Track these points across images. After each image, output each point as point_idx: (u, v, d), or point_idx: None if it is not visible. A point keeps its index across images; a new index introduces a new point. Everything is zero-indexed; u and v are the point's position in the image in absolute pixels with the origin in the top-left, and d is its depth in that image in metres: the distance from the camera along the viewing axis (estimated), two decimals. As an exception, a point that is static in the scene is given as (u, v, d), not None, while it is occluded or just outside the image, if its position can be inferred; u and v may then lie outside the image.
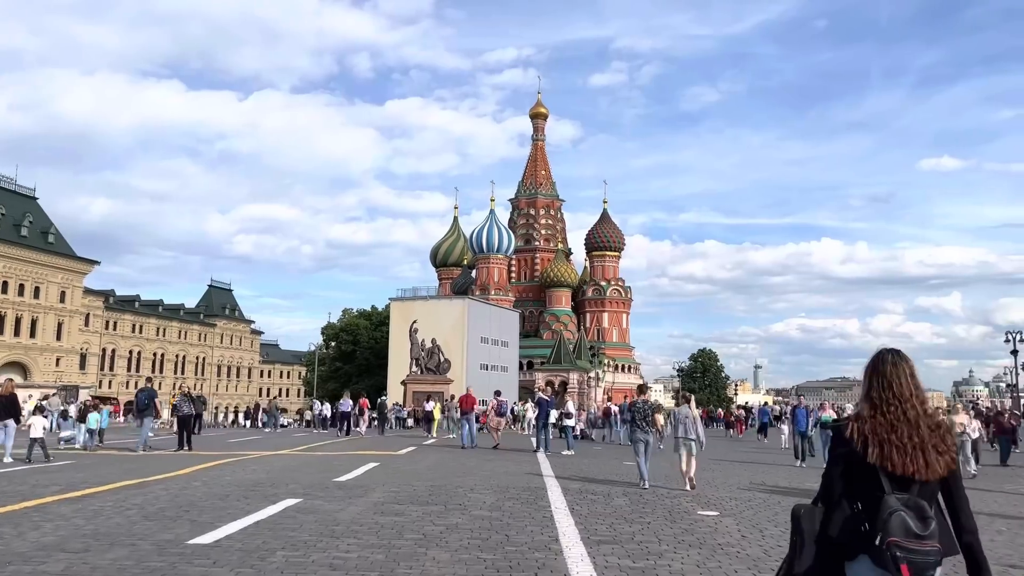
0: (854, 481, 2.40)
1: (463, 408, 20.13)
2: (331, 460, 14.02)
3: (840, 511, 2.37)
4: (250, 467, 12.18)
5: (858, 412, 2.59)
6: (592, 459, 16.55)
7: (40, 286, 77.77)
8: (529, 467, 13.20)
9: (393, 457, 14.96)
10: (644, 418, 11.22)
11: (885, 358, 2.62)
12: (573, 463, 14.57)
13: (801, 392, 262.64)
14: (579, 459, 16.12)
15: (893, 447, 2.35)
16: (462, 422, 19.95)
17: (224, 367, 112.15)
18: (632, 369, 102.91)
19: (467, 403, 20.03)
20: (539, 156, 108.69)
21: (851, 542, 2.31)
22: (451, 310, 71.25)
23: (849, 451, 2.43)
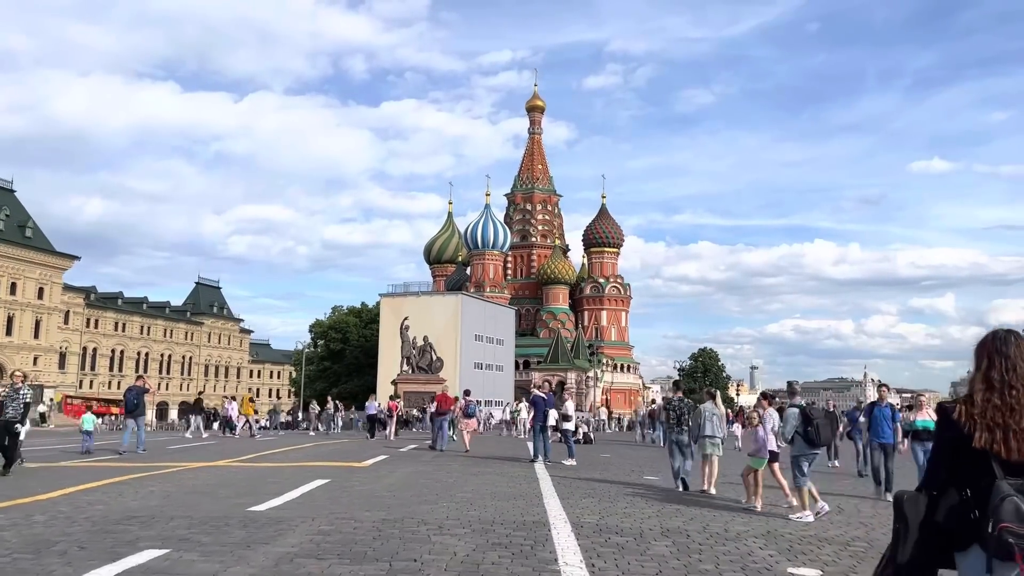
0: (962, 466, 2.30)
1: (439, 409, 18.79)
2: (268, 475, 10.98)
3: (948, 497, 2.29)
4: (147, 487, 9.14)
5: (969, 394, 2.42)
6: (604, 470, 13.54)
7: (16, 282, 74.64)
8: (525, 485, 10.20)
9: (352, 471, 11.91)
10: (679, 417, 10.79)
11: (1008, 338, 2.42)
12: (582, 478, 11.55)
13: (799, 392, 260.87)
14: (588, 470, 13.10)
15: (1010, 432, 2.26)
16: (438, 423, 18.56)
17: (212, 367, 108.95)
18: (631, 369, 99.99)
19: (444, 404, 18.90)
20: (536, 150, 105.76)
21: (960, 530, 2.24)
22: (444, 307, 68.25)
23: (957, 435, 2.33)
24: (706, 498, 9.57)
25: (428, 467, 12.92)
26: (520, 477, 11.40)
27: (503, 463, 14.21)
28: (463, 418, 18.86)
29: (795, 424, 8.38)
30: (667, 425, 11.07)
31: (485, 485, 10.25)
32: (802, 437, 8.30)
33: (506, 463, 14.28)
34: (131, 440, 16.42)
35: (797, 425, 8.36)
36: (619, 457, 17.74)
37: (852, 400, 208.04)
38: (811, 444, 8.30)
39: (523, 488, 9.94)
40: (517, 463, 14.29)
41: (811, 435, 8.24)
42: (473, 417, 19.15)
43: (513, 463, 14.36)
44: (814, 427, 8.23)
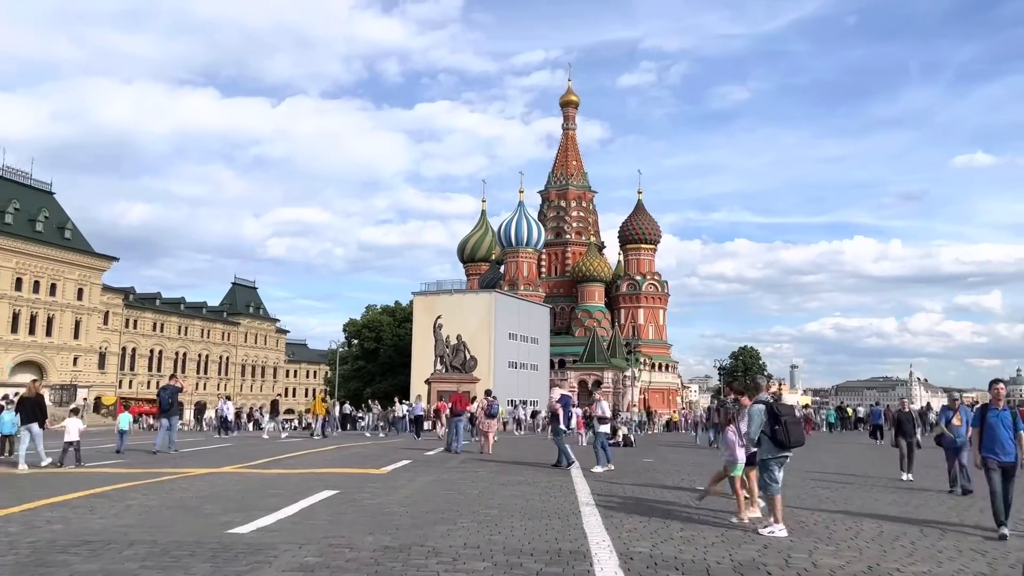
0: None
1: (454, 409, 18.18)
2: (271, 485, 9.77)
3: None
4: (127, 501, 7.99)
5: None
6: (649, 478, 12.08)
7: (56, 283, 75.34)
8: (560, 499, 8.84)
9: (367, 480, 10.65)
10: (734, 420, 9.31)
11: None
12: (624, 488, 10.15)
13: (841, 392, 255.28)
14: (630, 478, 11.67)
15: None
16: (454, 424, 17.98)
17: (248, 367, 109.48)
18: (670, 368, 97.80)
19: (459, 404, 18.29)
20: (570, 146, 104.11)
21: None
22: (477, 304, 67.09)
23: None
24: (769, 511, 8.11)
25: (452, 475, 11.63)
26: (554, 488, 10.05)
27: (535, 470, 12.86)
28: (485, 419, 18.14)
29: (761, 423, 7.33)
30: (721, 427, 10.63)
31: (514, 498, 8.92)
32: (769, 438, 7.27)
33: (539, 470, 12.93)
34: (164, 440, 16.40)
35: (763, 424, 7.32)
36: (664, 462, 16.26)
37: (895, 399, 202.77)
38: (780, 446, 7.25)
39: (557, 503, 8.59)
40: (550, 470, 12.92)
41: (779, 435, 7.19)
42: (495, 418, 18.58)
43: (546, 470, 13.00)
44: (782, 426, 7.19)
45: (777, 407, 7.31)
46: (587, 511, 7.77)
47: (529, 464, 14.12)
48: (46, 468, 12.56)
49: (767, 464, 7.29)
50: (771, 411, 7.25)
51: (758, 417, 7.34)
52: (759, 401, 7.54)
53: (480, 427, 18.94)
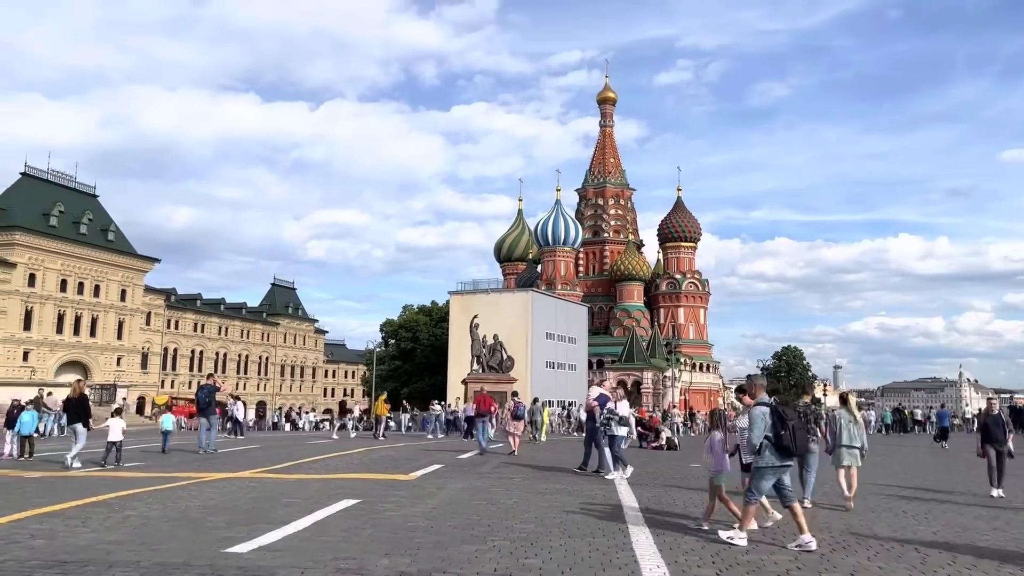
0: None
1: (479, 410, 18.13)
2: (288, 493, 8.99)
3: None
4: (126, 511, 7.29)
5: None
6: (691, 483, 11.05)
7: (100, 284, 76.50)
8: (604, 510, 7.90)
9: (392, 486, 9.82)
10: (805, 424, 8.60)
11: None
12: (678, 501, 9.17)
13: (887, 393, 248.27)
14: (679, 484, 10.65)
15: None
16: (478, 425, 17.99)
17: (288, 367, 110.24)
18: (711, 368, 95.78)
19: (483, 404, 18.10)
20: (607, 143, 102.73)
21: None
22: (514, 304, 66.25)
23: None
24: (852, 524, 7.07)
25: (485, 481, 10.75)
26: (596, 499, 9.11)
27: (575, 477, 11.91)
28: (511, 420, 17.85)
29: (764, 427, 6.54)
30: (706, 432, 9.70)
31: (552, 511, 8.01)
32: (773, 445, 6.50)
33: (579, 477, 11.97)
34: (206, 439, 16.59)
35: (767, 429, 6.52)
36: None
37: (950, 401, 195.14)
38: (784, 454, 6.51)
39: (601, 517, 7.66)
40: (591, 477, 11.95)
41: (785, 441, 6.43)
42: (521, 419, 18.31)
43: (586, 477, 12.03)
44: (789, 431, 6.44)
45: (783, 410, 6.58)
46: (635, 528, 6.83)
47: (568, 470, 13.16)
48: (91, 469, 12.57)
49: (763, 473, 6.57)
50: (777, 414, 6.52)
51: (761, 421, 6.55)
52: (761, 403, 6.68)
53: (506, 428, 18.84)
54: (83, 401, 13.44)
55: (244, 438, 24.11)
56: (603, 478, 11.59)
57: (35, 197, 72.74)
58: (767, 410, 6.60)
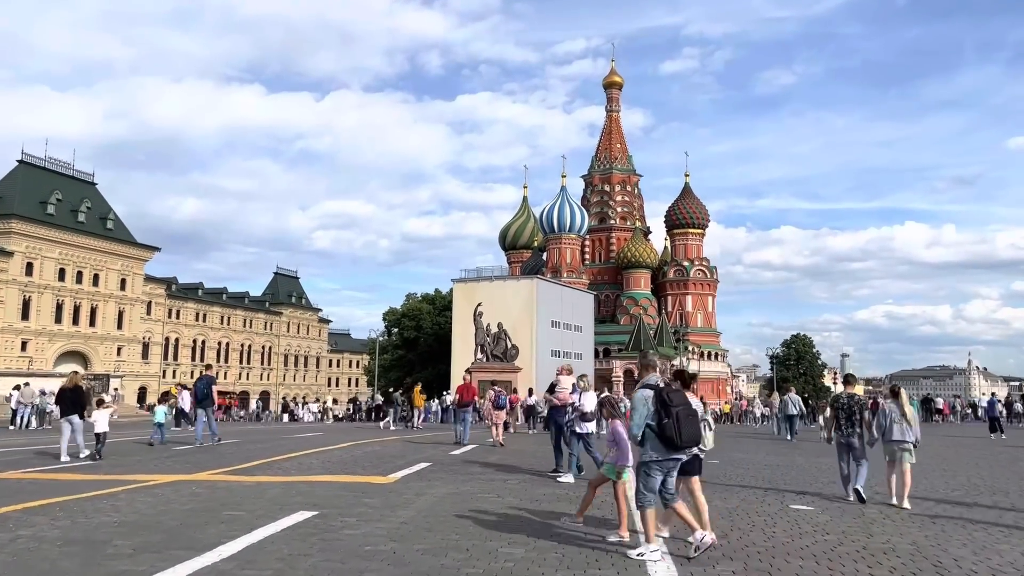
0: None
1: (461, 400, 17.36)
2: (236, 501, 7.57)
3: None
4: (29, 525, 5.99)
5: None
6: (724, 488, 9.58)
7: (99, 273, 75.38)
8: (611, 524, 6.49)
9: (365, 491, 8.42)
10: (850, 417, 9.04)
11: None
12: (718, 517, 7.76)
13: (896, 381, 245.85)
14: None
15: None
16: (461, 415, 17.28)
17: (291, 356, 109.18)
18: (719, 357, 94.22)
19: (467, 395, 17.35)
20: (614, 129, 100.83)
21: None
22: (518, 291, 64.80)
23: None
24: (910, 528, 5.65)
25: (473, 485, 9.33)
26: (606, 507, 7.70)
27: (576, 483, 10.48)
28: (493, 410, 17.17)
29: (646, 414, 5.56)
30: (835, 425, 9.15)
31: (548, 528, 6.60)
32: (656, 434, 5.51)
33: (582, 480, 10.54)
34: (205, 432, 16.48)
35: (650, 416, 5.53)
36: (733, 465, 13.73)
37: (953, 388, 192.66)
38: (668, 445, 5.50)
39: (611, 532, 6.23)
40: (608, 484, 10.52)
41: (668, 430, 5.44)
42: (503, 409, 17.71)
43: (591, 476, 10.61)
44: (673, 419, 5.43)
45: (668, 393, 5.54)
46: (652, 555, 5.41)
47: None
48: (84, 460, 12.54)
49: (649, 468, 5.57)
50: (660, 398, 5.51)
51: (642, 407, 5.57)
52: (647, 385, 5.65)
53: (487, 418, 18.36)
54: (78, 392, 13.44)
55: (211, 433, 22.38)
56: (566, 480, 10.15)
57: (32, 185, 71.53)
58: (650, 394, 5.51)
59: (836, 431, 9.14)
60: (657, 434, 5.48)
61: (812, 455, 16.22)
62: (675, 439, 5.41)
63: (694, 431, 5.54)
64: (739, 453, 16.76)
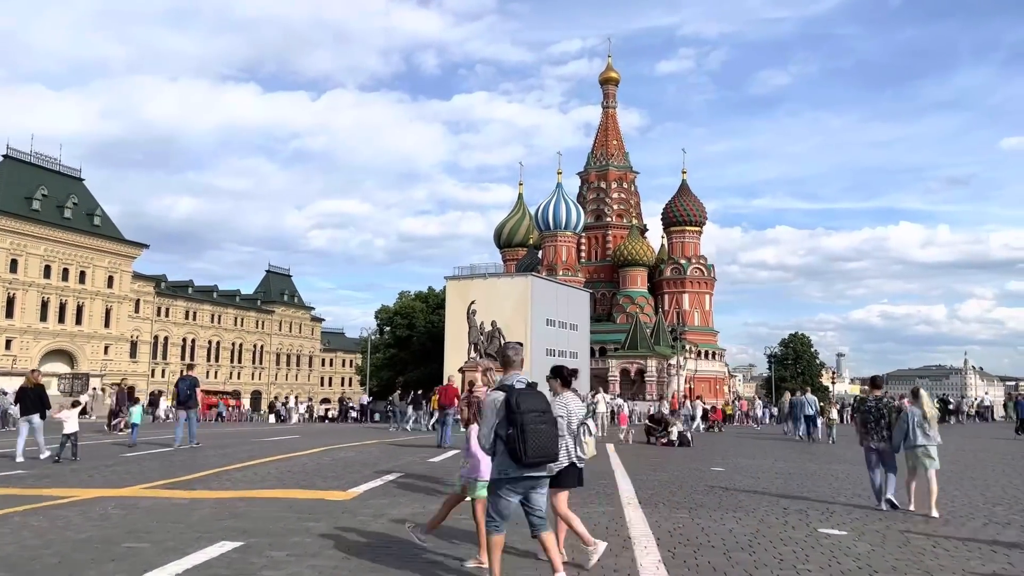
0: None
1: (441, 402, 16.71)
2: (145, 529, 6.22)
3: None
4: None
5: None
6: (723, 498, 8.27)
7: (86, 270, 73.87)
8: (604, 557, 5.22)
9: (311, 512, 7.09)
10: (878, 421, 8.43)
11: None
12: (717, 540, 6.47)
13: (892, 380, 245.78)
14: (704, 501, 7.91)
15: None
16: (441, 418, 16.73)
17: (283, 355, 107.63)
18: (717, 356, 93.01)
19: (445, 397, 16.52)
20: (610, 125, 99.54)
21: None
22: (513, 289, 63.48)
23: None
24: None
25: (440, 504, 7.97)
26: (597, 530, 6.37)
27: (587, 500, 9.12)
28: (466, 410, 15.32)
29: (495, 422, 4.56)
30: (865, 430, 8.59)
31: (527, 563, 5.28)
32: (504, 445, 4.50)
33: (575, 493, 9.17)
34: (184, 434, 15.87)
35: (498, 424, 4.53)
36: (741, 473, 12.44)
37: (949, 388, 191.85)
38: (516, 460, 4.46)
39: (603, 571, 4.93)
40: (599, 496, 9.21)
41: (513, 443, 4.41)
42: None
43: (589, 497, 9.29)
44: (517, 429, 4.39)
45: (516, 398, 4.47)
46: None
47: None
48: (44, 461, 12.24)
49: (498, 487, 4.57)
50: (507, 403, 4.50)
51: (492, 413, 4.58)
52: (502, 387, 4.60)
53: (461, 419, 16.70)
54: (40, 392, 13.12)
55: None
56: (613, 496, 8.83)
57: (17, 180, 69.94)
58: (501, 397, 4.52)
59: (866, 437, 8.54)
60: (505, 444, 4.44)
61: (824, 460, 14.97)
62: (519, 453, 4.36)
63: (545, 444, 4.44)
64: (744, 459, 15.48)
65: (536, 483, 4.58)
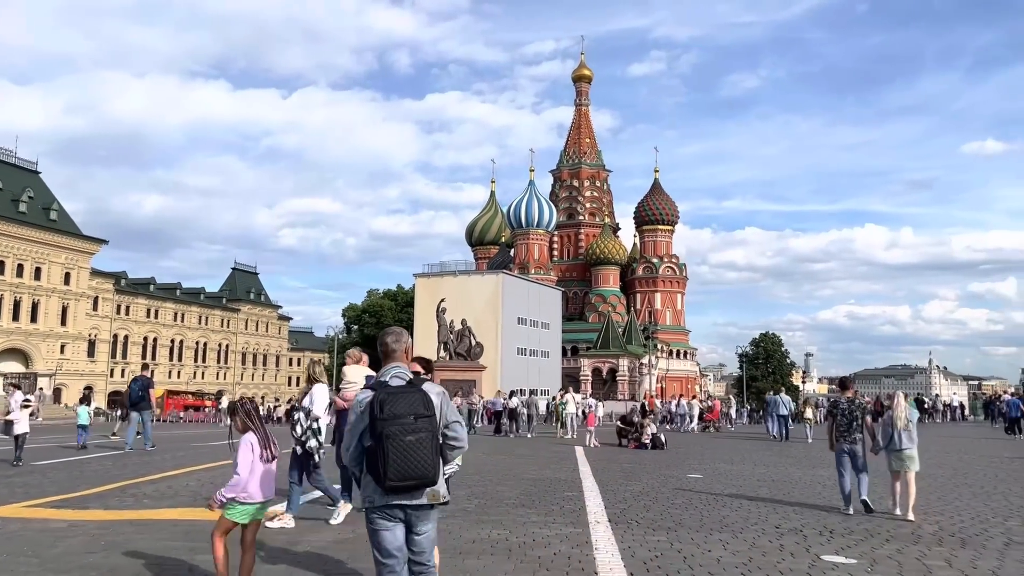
0: None
1: None
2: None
3: None
4: None
5: None
6: (704, 514, 7.20)
7: (41, 266, 71.22)
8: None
9: (209, 536, 5.80)
10: (850, 423, 8.34)
11: None
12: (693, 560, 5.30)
13: (859, 380, 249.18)
14: (685, 519, 6.85)
15: None
16: None
17: (249, 354, 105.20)
18: (688, 355, 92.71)
19: None
20: (583, 123, 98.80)
21: None
22: (483, 287, 62.27)
23: None
24: None
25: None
26: (558, 561, 5.22)
27: (521, 513, 7.97)
28: None
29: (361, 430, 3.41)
30: (837, 432, 8.43)
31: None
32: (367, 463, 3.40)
33: (501, 514, 8.02)
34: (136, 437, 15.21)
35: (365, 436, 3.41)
36: (721, 480, 11.40)
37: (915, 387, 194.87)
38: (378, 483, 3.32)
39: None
40: (562, 512, 8.07)
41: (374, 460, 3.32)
42: None
43: (555, 511, 8.17)
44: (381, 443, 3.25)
45: (381, 400, 3.29)
46: None
47: (537, 506, 9.25)
48: None
49: (370, 519, 3.39)
50: (372, 411, 3.31)
51: (358, 419, 3.40)
52: (372, 385, 3.44)
53: None
54: None
55: None
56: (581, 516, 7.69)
57: (-33, 172, 67.35)
58: (367, 399, 3.35)
59: (838, 440, 8.41)
60: (367, 465, 3.38)
61: (807, 465, 14.02)
62: (378, 475, 3.27)
63: (414, 461, 3.24)
64: (722, 463, 14.47)
65: (412, 515, 3.37)
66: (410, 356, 3.79)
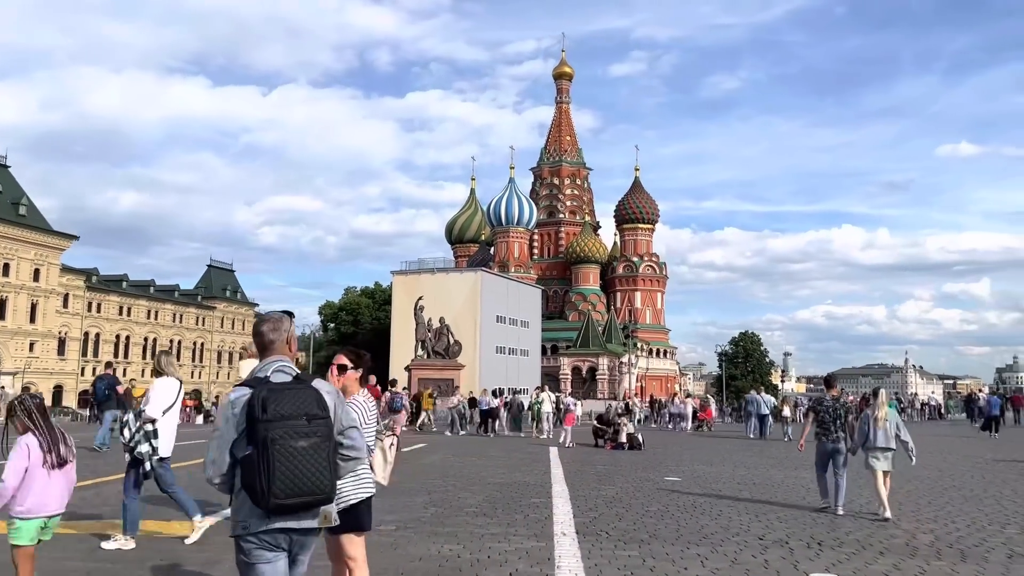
0: None
1: None
2: None
3: None
4: None
5: None
6: (682, 523, 6.60)
7: (9, 262, 69.47)
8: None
9: (130, 556, 5.10)
10: (834, 421, 8.31)
11: None
12: None
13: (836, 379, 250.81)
14: (663, 529, 6.24)
15: None
16: None
17: (224, 352, 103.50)
18: (668, 354, 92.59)
19: None
20: (564, 121, 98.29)
21: None
22: (462, 285, 61.52)
23: None
24: None
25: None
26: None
27: (485, 521, 7.33)
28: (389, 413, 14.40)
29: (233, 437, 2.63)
30: (822, 430, 8.39)
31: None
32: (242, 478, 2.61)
33: (512, 528, 7.39)
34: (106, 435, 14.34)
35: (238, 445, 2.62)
36: (698, 484, 10.82)
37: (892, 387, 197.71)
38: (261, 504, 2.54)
39: None
40: (525, 521, 7.43)
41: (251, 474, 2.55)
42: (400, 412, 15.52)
43: (518, 519, 7.52)
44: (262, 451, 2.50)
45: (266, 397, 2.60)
46: None
47: (481, 512, 8.60)
48: None
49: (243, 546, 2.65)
50: (251, 410, 2.60)
51: (227, 424, 2.68)
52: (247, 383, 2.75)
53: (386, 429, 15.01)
54: None
55: None
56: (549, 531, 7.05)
57: (-69, 165, 65.52)
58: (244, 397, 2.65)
59: (821, 438, 8.36)
60: (243, 480, 2.64)
61: (788, 467, 13.51)
62: (259, 491, 2.54)
63: (310, 473, 2.56)
64: (701, 465, 13.91)
65: (301, 540, 2.70)
66: (294, 347, 3.09)
